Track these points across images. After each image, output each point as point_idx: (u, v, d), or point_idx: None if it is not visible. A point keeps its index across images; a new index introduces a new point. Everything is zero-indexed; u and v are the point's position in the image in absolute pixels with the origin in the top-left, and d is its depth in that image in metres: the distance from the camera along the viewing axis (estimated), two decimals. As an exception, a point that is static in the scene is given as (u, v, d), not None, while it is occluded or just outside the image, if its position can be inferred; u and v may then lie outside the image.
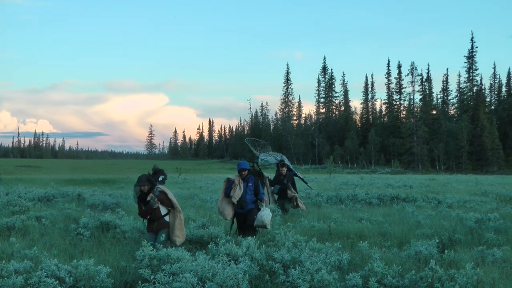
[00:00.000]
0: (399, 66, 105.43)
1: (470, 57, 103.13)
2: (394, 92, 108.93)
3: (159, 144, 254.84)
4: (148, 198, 8.80)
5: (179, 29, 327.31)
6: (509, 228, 10.96)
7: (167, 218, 8.93)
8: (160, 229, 8.83)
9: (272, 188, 14.41)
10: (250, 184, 10.35)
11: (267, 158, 19.35)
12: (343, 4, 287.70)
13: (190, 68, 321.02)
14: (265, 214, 9.90)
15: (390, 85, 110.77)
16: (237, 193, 10.13)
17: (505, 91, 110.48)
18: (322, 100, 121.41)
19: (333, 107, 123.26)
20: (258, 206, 10.51)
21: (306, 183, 16.31)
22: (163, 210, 8.94)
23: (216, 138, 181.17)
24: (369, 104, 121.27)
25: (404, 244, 9.36)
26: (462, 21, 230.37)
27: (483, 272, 6.78)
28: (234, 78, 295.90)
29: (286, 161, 16.46)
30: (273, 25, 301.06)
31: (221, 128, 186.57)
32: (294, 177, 15.13)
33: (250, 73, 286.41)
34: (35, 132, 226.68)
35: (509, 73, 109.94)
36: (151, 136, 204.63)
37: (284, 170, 14.72)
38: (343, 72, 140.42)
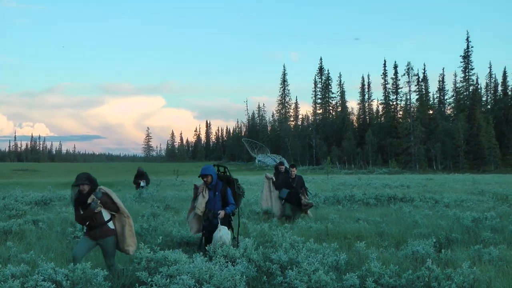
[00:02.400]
0: (395, 66, 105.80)
1: (466, 56, 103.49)
2: (391, 92, 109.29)
3: (157, 147, 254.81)
4: (89, 201, 7.42)
5: (175, 31, 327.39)
6: (505, 227, 10.97)
7: (111, 225, 7.61)
8: (103, 237, 7.53)
9: (278, 192, 13.61)
10: (218, 192, 8.77)
11: (264, 159, 18.37)
12: (338, 5, 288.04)
13: (186, 70, 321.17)
14: (224, 234, 8.37)
15: (386, 85, 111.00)
16: (200, 202, 8.72)
17: (501, 90, 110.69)
18: (319, 101, 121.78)
19: (330, 107, 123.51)
20: (229, 220, 8.98)
21: (306, 188, 15.16)
22: (106, 215, 7.58)
23: (214, 140, 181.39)
24: (366, 105, 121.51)
25: (401, 244, 9.38)
26: (457, 20, 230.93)
27: (479, 271, 6.79)
28: (230, 79, 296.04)
29: (285, 163, 15.82)
30: (268, 26, 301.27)
31: (218, 130, 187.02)
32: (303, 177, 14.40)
33: (246, 74, 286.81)
34: (32, 136, 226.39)
35: (504, 72, 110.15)
36: (148, 139, 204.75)
37: (294, 171, 13.73)
38: (340, 73, 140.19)
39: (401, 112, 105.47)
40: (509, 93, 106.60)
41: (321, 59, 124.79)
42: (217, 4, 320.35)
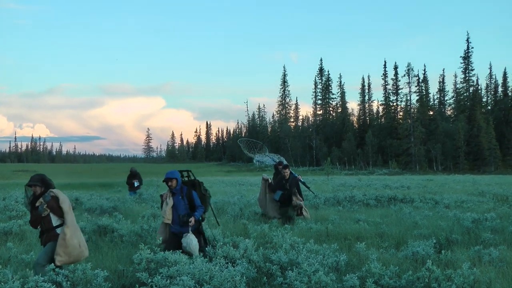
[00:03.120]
0: (396, 67, 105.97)
1: (466, 57, 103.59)
2: (391, 93, 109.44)
3: (157, 148, 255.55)
4: (37, 204, 7.07)
5: (175, 32, 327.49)
6: (505, 228, 10.98)
7: (59, 230, 7.10)
8: (48, 243, 7.11)
9: (273, 195, 13.18)
10: (183, 197, 8.37)
11: (263, 159, 17.78)
12: (339, 5, 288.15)
13: (186, 70, 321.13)
14: (190, 241, 7.94)
15: (386, 86, 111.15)
16: (164, 210, 8.29)
17: (501, 91, 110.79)
18: (319, 101, 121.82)
19: (330, 108, 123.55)
20: (200, 226, 8.55)
21: (309, 187, 15.21)
22: (55, 220, 7.13)
23: (214, 141, 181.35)
24: (366, 106, 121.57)
25: (402, 245, 9.38)
26: (457, 21, 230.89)
27: (479, 272, 6.79)
28: (230, 80, 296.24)
29: (284, 163, 14.96)
30: (268, 27, 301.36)
31: (218, 130, 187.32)
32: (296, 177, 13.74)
33: (246, 75, 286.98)
34: (32, 137, 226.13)
35: (505, 73, 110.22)
36: (149, 140, 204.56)
37: (287, 172, 13.21)
38: (340, 74, 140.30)
39: (401, 113, 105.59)
40: (510, 94, 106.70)
41: (321, 60, 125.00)
42: (217, 5, 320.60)
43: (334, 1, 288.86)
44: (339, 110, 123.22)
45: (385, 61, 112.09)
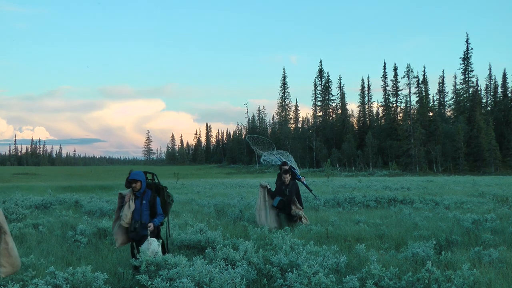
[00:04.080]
0: (395, 69, 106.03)
1: (466, 58, 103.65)
2: (391, 95, 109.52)
3: (157, 150, 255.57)
4: None
5: (174, 34, 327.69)
6: (505, 229, 10.97)
7: None
8: None
9: (272, 201, 12.56)
10: (145, 201, 8.02)
11: (270, 158, 16.35)
12: (338, 7, 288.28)
13: (185, 73, 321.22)
14: (150, 247, 7.58)
15: (386, 87, 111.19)
16: (125, 213, 7.88)
17: (501, 92, 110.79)
18: (319, 103, 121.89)
19: (330, 110, 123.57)
20: (158, 231, 8.24)
21: (311, 190, 14.69)
22: None
23: (214, 143, 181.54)
24: (366, 107, 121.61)
25: (401, 246, 9.38)
26: (457, 22, 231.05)
27: (479, 273, 6.80)
28: (230, 82, 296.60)
29: (292, 162, 14.53)
30: (268, 29, 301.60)
31: (218, 132, 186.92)
32: (297, 183, 13.25)
33: (246, 77, 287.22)
34: (32, 140, 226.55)
35: (504, 74, 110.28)
36: (149, 142, 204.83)
37: (287, 178, 12.64)
38: (340, 75, 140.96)
39: (401, 114, 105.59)
40: (509, 94, 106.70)
41: (321, 61, 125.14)
42: (216, 7, 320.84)
43: (333, 3, 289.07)
44: (339, 112, 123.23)
45: (384, 63, 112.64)
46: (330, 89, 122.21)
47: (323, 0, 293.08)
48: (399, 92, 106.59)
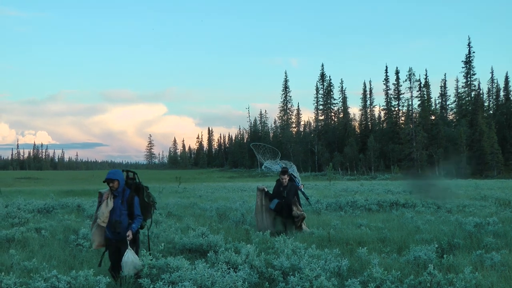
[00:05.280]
0: (397, 72, 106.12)
1: (468, 62, 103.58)
2: (393, 98, 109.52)
3: (159, 154, 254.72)
4: None
5: (175, 37, 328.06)
6: (508, 232, 10.98)
7: None
8: None
9: (269, 204, 12.22)
10: (124, 201, 7.70)
11: (273, 166, 16.00)
12: (339, 10, 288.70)
13: (187, 77, 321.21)
14: (129, 260, 7.25)
15: (388, 91, 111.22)
16: (102, 212, 7.56)
17: (503, 95, 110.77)
18: (321, 107, 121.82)
19: (332, 114, 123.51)
20: (137, 235, 7.88)
21: (307, 198, 14.22)
22: None
23: (216, 147, 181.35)
24: (368, 111, 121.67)
25: (403, 250, 9.38)
26: (459, 26, 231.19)
27: (481, 276, 6.80)
28: (231, 86, 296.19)
29: (294, 171, 14.09)
30: (268, 33, 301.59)
31: (220, 136, 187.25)
32: (296, 185, 12.84)
33: (247, 81, 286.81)
34: (34, 144, 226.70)
35: (506, 77, 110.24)
36: (151, 146, 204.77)
37: (286, 179, 12.23)
38: (341, 79, 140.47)
39: (403, 118, 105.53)
40: (511, 98, 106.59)
41: (322, 65, 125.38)
42: (217, 10, 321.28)
43: (334, 6, 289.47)
44: (340, 116, 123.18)
45: (386, 66, 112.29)
46: (332, 93, 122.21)
47: (324, 3, 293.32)
48: (401, 96, 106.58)
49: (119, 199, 7.63)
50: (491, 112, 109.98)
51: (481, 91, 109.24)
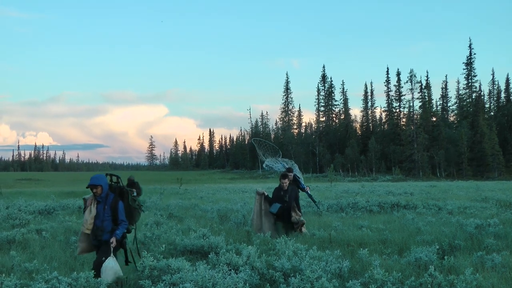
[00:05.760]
0: (398, 74, 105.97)
1: (469, 63, 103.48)
2: (394, 100, 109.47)
3: (160, 155, 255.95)
4: None
5: (177, 39, 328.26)
6: (508, 234, 10.96)
7: None
8: None
9: (269, 208, 11.79)
10: (107, 206, 7.45)
11: (274, 165, 15.38)
12: (341, 12, 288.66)
13: (188, 78, 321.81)
14: (109, 266, 7.11)
15: (389, 92, 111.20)
16: (86, 218, 7.41)
17: (504, 97, 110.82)
18: (322, 108, 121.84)
19: (333, 115, 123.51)
20: (122, 240, 7.60)
21: (315, 202, 14.08)
22: None
23: (217, 148, 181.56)
24: (369, 112, 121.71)
25: (404, 251, 9.37)
26: (460, 27, 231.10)
27: (482, 278, 6.79)
28: (232, 87, 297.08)
29: (297, 171, 13.60)
30: (270, 34, 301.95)
31: (221, 138, 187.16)
32: (300, 192, 12.68)
33: (248, 82, 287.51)
34: (35, 145, 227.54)
35: (507, 79, 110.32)
36: (152, 147, 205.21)
37: (286, 183, 11.84)
38: (343, 81, 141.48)
39: (404, 119, 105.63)
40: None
41: (324, 67, 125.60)
42: (218, 12, 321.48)
43: (335, 7, 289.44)
44: (342, 117, 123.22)
45: (387, 68, 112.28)
46: (333, 94, 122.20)
47: (325, 4, 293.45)
48: (402, 97, 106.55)
49: (102, 205, 7.44)
50: (492, 113, 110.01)
51: (482, 93, 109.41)
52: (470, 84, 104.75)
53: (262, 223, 11.75)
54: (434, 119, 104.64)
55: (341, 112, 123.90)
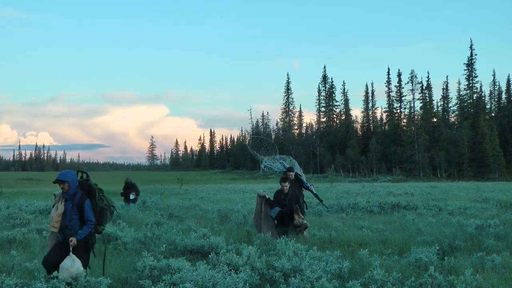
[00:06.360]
0: (399, 74, 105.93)
1: (470, 64, 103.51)
2: (395, 100, 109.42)
3: (161, 155, 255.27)
4: None
5: (177, 39, 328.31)
6: (509, 234, 10.96)
7: None
8: None
9: (270, 211, 11.66)
10: (74, 204, 7.11)
11: (272, 164, 15.28)
12: (341, 12, 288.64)
13: (189, 78, 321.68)
14: (69, 264, 6.76)
15: (390, 93, 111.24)
16: (51, 216, 7.11)
17: (505, 98, 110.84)
18: (323, 109, 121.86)
19: (334, 116, 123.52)
20: (86, 241, 7.24)
21: (321, 201, 13.94)
22: None
23: (218, 149, 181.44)
24: (370, 113, 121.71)
25: (405, 252, 9.36)
26: (461, 28, 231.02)
27: (482, 278, 6.80)
28: (233, 88, 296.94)
29: (296, 168, 13.50)
30: (270, 34, 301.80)
31: (222, 138, 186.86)
32: (305, 192, 12.62)
33: (249, 83, 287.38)
34: (36, 145, 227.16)
35: (508, 80, 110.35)
36: (152, 147, 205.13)
37: (286, 186, 11.61)
38: (343, 81, 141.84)
39: (405, 120, 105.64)
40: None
41: (324, 67, 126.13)
42: (219, 13, 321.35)
43: (336, 8, 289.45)
44: (342, 117, 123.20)
45: (388, 68, 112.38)
46: (334, 95, 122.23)
47: (325, 4, 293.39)
48: (403, 98, 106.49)
49: (70, 203, 7.11)
50: (493, 114, 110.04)
51: (483, 94, 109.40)
52: (471, 85, 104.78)
53: (263, 225, 11.68)
54: (435, 119, 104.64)
55: (342, 112, 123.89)
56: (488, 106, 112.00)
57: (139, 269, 7.24)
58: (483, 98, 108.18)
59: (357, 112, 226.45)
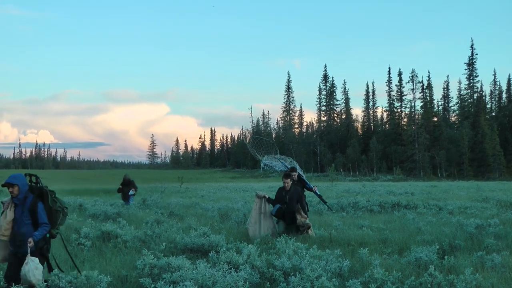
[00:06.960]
0: (400, 74, 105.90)
1: (470, 64, 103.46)
2: (395, 100, 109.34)
3: (161, 154, 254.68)
4: None
5: (179, 38, 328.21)
6: (508, 234, 10.97)
7: None
8: None
9: (271, 209, 11.49)
10: (25, 209, 6.73)
11: (272, 163, 14.92)
12: (342, 11, 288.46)
13: (190, 77, 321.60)
14: (31, 269, 6.42)
15: (391, 92, 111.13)
16: (1, 223, 6.71)
17: (506, 97, 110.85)
18: (324, 108, 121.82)
19: (335, 115, 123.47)
20: (42, 246, 6.86)
21: (325, 202, 13.79)
22: None
23: (218, 147, 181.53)
24: (370, 112, 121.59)
25: (405, 251, 9.37)
26: (462, 28, 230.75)
27: (482, 277, 6.80)
28: (234, 86, 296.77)
29: (298, 169, 13.23)
30: (271, 34, 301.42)
31: (222, 137, 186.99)
32: (306, 193, 12.49)
33: (250, 81, 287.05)
34: (36, 143, 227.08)
35: (509, 80, 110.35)
36: (153, 146, 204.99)
37: (288, 183, 11.53)
38: (344, 80, 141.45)
39: (405, 119, 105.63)
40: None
41: (325, 66, 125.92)
42: (220, 12, 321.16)
43: (337, 7, 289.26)
44: (343, 117, 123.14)
45: (389, 68, 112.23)
46: (334, 94, 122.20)
47: (326, 4, 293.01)
48: (403, 97, 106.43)
49: (20, 208, 6.74)
50: (493, 114, 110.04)
51: (483, 93, 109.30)
52: (471, 84, 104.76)
53: (260, 227, 11.38)
54: (436, 119, 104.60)
55: (342, 111, 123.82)
56: (488, 106, 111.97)
57: (139, 267, 7.24)
58: (483, 97, 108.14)
59: (357, 111, 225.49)
